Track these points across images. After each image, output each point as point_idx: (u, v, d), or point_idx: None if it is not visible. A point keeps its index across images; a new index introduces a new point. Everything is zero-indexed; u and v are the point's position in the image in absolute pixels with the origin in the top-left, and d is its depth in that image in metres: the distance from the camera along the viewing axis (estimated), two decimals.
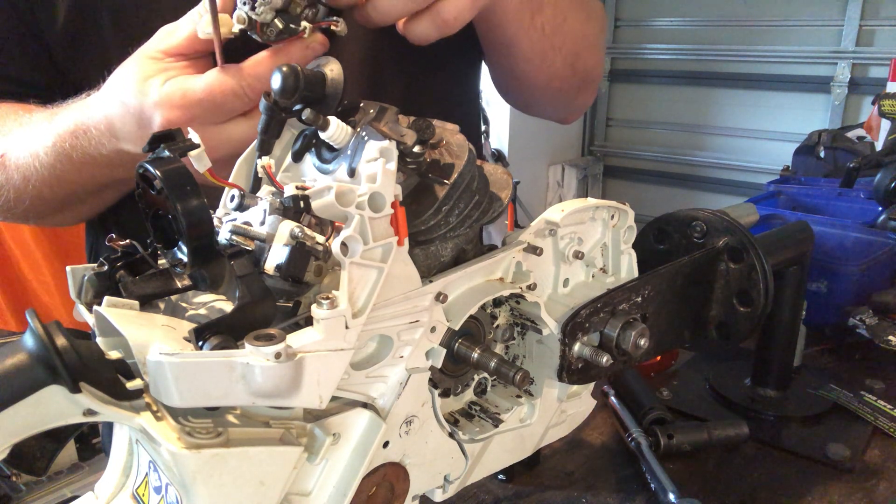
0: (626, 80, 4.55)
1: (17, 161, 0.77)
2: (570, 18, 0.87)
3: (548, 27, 0.84)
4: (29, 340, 0.38)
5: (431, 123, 0.50)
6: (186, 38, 0.66)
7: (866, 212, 1.35)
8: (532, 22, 0.82)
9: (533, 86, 0.93)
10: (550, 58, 0.88)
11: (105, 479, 0.48)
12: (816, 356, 1.09)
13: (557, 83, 0.92)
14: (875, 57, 3.55)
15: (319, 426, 0.46)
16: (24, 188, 0.78)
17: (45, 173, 0.75)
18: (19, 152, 0.77)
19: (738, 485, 0.78)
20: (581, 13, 0.90)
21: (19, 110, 0.81)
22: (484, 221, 0.53)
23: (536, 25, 0.83)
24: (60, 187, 0.78)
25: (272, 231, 0.45)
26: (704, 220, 0.73)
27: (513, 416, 0.59)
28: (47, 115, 0.76)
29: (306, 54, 0.66)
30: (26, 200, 0.79)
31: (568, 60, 0.90)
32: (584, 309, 0.59)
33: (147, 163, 0.44)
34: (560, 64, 0.89)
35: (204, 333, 0.40)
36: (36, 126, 0.77)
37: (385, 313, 0.47)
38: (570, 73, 0.92)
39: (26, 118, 0.79)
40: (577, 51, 0.91)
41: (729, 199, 3.67)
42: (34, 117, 0.78)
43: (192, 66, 0.67)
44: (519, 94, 0.99)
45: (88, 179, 0.77)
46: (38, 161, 0.75)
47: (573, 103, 1.02)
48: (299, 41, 0.65)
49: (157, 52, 0.67)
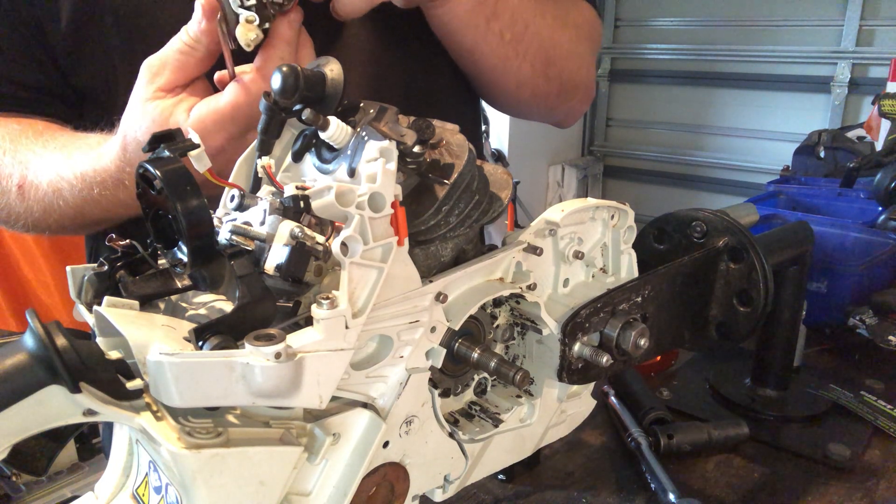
0: (626, 80, 4.55)
1: (36, 194, 0.77)
2: (534, 25, 0.87)
3: (507, 34, 0.84)
4: (29, 340, 0.38)
5: (431, 123, 0.50)
6: (175, 71, 0.67)
7: (866, 212, 1.35)
8: (489, 27, 0.82)
9: (503, 92, 0.94)
10: (516, 65, 0.87)
11: (105, 479, 0.48)
12: (816, 356, 1.09)
13: (528, 90, 0.92)
14: (875, 57, 3.55)
15: (319, 426, 0.46)
16: (44, 220, 0.78)
17: (69, 212, 0.76)
18: (39, 185, 0.77)
19: (738, 485, 0.78)
20: (548, 19, 0.89)
21: (29, 133, 0.81)
22: (484, 221, 0.53)
23: (494, 31, 0.83)
24: (84, 219, 0.78)
25: (272, 231, 0.45)
26: (704, 220, 0.73)
27: (513, 416, 0.59)
28: (62, 151, 0.76)
29: (293, 28, 0.66)
30: (45, 231, 0.80)
31: (537, 68, 0.90)
32: (584, 309, 0.59)
33: (147, 163, 0.44)
34: (528, 71, 0.89)
35: (204, 333, 0.40)
36: (52, 160, 0.76)
37: (385, 313, 0.47)
38: (542, 81, 0.92)
39: (39, 148, 0.78)
40: (548, 58, 0.90)
41: (729, 199, 3.67)
42: (48, 147, 0.78)
43: (190, 92, 0.68)
44: (494, 100, 1.00)
45: (116, 216, 0.78)
46: (61, 200, 0.75)
47: (557, 110, 1.01)
48: (282, 19, 0.66)
49: (156, 91, 0.67)
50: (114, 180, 0.71)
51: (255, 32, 0.64)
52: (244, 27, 0.63)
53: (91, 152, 0.74)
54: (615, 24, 4.46)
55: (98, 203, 0.74)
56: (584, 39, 0.97)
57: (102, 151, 0.72)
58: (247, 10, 0.63)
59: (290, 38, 0.66)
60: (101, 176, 0.72)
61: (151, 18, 0.78)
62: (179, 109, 0.66)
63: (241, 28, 0.63)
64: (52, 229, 0.80)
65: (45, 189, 0.76)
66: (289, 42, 0.66)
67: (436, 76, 0.92)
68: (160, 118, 0.66)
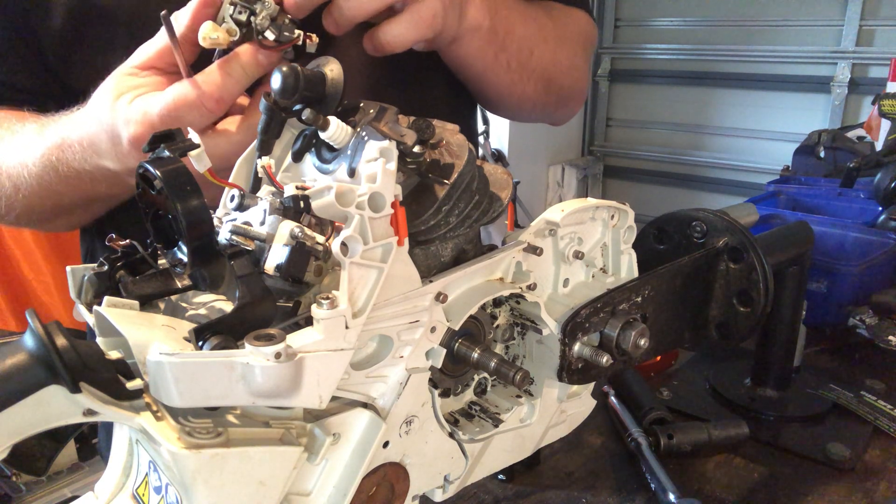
0: (626, 80, 4.55)
1: (8, 170, 0.78)
2: (539, 51, 0.92)
3: (513, 63, 0.89)
4: (29, 340, 0.38)
5: (431, 123, 0.50)
6: (158, 51, 0.67)
7: (866, 212, 1.35)
8: (496, 59, 0.87)
9: (505, 106, 1.00)
10: (520, 88, 0.93)
11: (105, 479, 0.48)
12: (816, 356, 1.09)
13: (530, 104, 0.98)
14: (875, 57, 3.55)
15: (319, 426, 0.46)
16: (14, 196, 0.79)
17: (33, 183, 0.76)
18: (10, 161, 0.78)
19: (738, 485, 0.78)
20: (550, 43, 0.94)
21: (11, 118, 0.81)
22: (484, 221, 0.53)
23: (501, 62, 0.88)
24: (49, 198, 0.78)
25: (272, 231, 0.45)
26: (704, 220, 0.73)
27: (513, 416, 0.59)
28: (38, 127, 0.77)
29: (257, 60, 0.65)
30: (17, 208, 0.80)
31: (539, 86, 0.95)
32: (584, 309, 0.59)
33: (147, 163, 0.44)
34: (531, 90, 0.94)
35: (204, 333, 0.40)
36: (27, 136, 0.77)
37: (385, 313, 0.47)
38: (542, 96, 0.97)
39: (17, 126, 0.79)
40: (550, 76, 0.96)
41: (729, 199, 3.67)
42: (26, 127, 0.79)
43: (167, 79, 0.68)
44: (493, 110, 1.06)
45: (74, 192, 0.78)
46: (27, 171, 0.76)
47: (554, 115, 1.08)
48: (251, 46, 0.65)
49: (132, 67, 0.68)
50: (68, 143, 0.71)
51: (218, 34, 0.62)
52: (210, 23, 0.62)
53: (62, 119, 0.74)
54: (615, 24, 4.46)
55: (56, 170, 0.73)
56: (581, 51, 1.03)
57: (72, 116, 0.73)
58: (232, 20, 0.62)
59: (247, 65, 0.65)
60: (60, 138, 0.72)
61: (145, 18, 0.78)
62: (132, 93, 0.66)
63: (209, 24, 0.62)
64: (22, 209, 0.80)
65: (14, 164, 0.77)
66: (244, 67, 0.65)
67: (430, 89, 0.94)
68: (114, 92, 0.67)
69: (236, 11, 0.62)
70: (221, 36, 0.62)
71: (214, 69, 0.65)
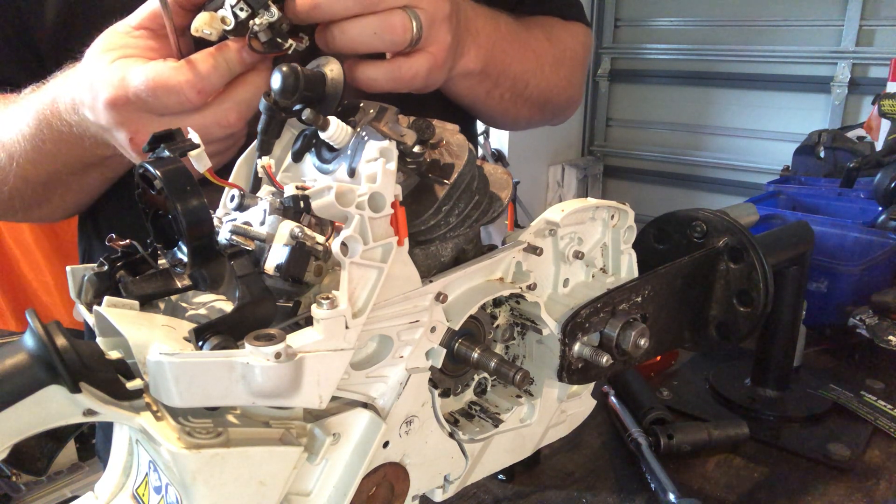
0: (626, 80, 4.55)
1: (2, 139, 0.78)
2: (535, 80, 0.92)
3: (507, 95, 0.89)
4: (29, 340, 0.38)
5: (431, 123, 0.50)
6: (152, 12, 0.66)
7: (866, 212, 1.35)
8: (489, 95, 0.86)
9: (499, 126, 1.04)
10: (513, 113, 0.94)
11: (105, 479, 0.48)
12: (816, 356, 1.09)
13: (524, 122, 1.00)
14: (875, 57, 3.55)
15: (319, 426, 0.46)
16: (9, 166, 0.78)
17: (27, 147, 0.76)
18: (5, 130, 0.77)
19: (738, 485, 0.78)
20: (547, 70, 0.94)
21: (7, 94, 0.81)
22: (484, 221, 0.53)
23: (495, 96, 0.87)
24: (42, 164, 0.77)
25: (272, 231, 0.45)
26: (704, 220, 0.73)
27: (513, 416, 0.59)
28: (32, 93, 0.77)
29: (241, 58, 0.64)
30: (10, 179, 0.79)
31: (535, 110, 0.96)
32: (584, 309, 0.59)
33: (147, 163, 0.44)
34: (525, 113, 0.96)
35: (204, 333, 0.40)
36: (23, 102, 0.77)
37: (385, 313, 0.47)
38: (537, 116, 0.99)
39: (13, 96, 0.79)
40: (545, 100, 0.96)
41: (729, 199, 3.67)
42: (21, 95, 0.78)
43: (157, 44, 0.67)
44: (489, 126, 1.12)
45: (67, 153, 0.76)
46: (21, 135, 0.75)
47: (549, 124, 1.09)
48: (239, 43, 0.64)
49: (126, 25, 0.67)
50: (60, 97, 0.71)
51: (212, 31, 0.62)
52: (208, 15, 0.61)
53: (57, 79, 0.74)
54: (615, 24, 4.47)
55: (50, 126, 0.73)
56: (578, 67, 1.03)
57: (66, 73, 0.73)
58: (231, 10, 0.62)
59: (231, 60, 0.64)
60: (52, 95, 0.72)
61: None
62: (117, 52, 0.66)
63: (204, 14, 0.61)
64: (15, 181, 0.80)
65: (9, 132, 0.76)
66: (228, 62, 0.64)
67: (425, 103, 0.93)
68: (102, 46, 0.66)
69: (238, 7, 0.62)
70: (214, 33, 0.62)
71: (202, 58, 0.64)
